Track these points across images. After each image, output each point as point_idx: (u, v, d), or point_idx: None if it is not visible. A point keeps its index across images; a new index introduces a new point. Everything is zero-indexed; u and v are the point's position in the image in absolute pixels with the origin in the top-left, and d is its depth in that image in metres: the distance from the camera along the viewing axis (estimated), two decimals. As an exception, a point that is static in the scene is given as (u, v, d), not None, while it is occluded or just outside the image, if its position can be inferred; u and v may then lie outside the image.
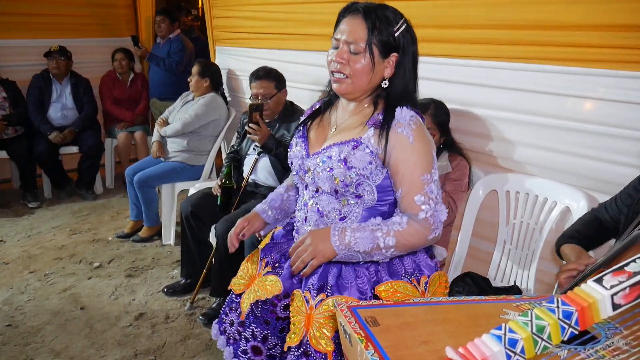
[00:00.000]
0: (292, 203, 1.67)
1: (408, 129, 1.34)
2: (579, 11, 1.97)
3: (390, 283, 1.39)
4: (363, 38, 1.34)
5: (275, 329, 1.47)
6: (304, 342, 1.35)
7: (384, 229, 1.34)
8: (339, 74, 1.39)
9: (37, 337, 2.59)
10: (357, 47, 1.35)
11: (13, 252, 3.52)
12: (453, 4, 2.38)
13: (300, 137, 1.53)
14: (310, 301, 1.38)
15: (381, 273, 1.41)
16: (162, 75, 4.63)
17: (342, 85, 1.40)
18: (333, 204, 1.44)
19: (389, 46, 1.37)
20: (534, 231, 2.24)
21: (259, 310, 1.48)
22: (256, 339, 1.48)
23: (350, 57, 1.36)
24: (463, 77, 2.41)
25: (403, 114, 1.36)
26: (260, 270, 1.56)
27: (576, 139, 2.06)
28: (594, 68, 1.96)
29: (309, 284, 1.41)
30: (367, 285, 1.39)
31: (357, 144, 1.38)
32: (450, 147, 2.38)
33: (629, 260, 0.79)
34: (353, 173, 1.37)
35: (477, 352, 0.73)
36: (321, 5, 3.08)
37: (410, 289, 1.39)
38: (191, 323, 2.74)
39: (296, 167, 1.51)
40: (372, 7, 1.35)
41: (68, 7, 4.84)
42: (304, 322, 1.36)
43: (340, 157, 1.38)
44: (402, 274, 1.41)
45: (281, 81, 2.93)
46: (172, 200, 3.63)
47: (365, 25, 1.34)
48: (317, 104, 1.60)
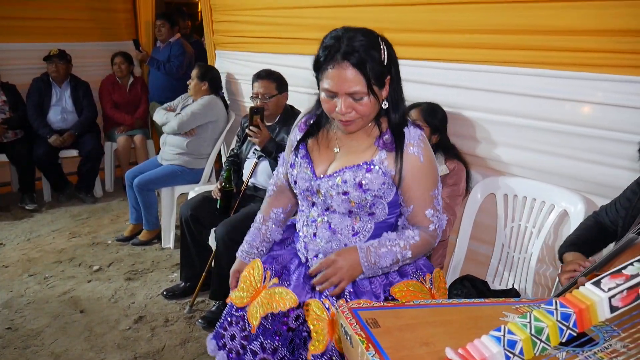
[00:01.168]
0: (273, 232, 1.71)
1: (418, 149, 1.42)
2: (575, 16, 1.98)
3: (403, 283, 1.49)
4: (364, 86, 1.33)
5: (285, 340, 1.47)
6: (328, 348, 1.38)
7: (401, 243, 1.44)
8: (347, 120, 1.39)
9: (36, 340, 2.59)
10: (360, 94, 1.34)
11: (13, 256, 3.52)
12: (449, 9, 2.40)
13: (303, 157, 1.53)
14: (331, 308, 1.43)
15: (392, 275, 1.51)
16: (163, 79, 4.64)
17: (353, 127, 1.42)
18: (346, 222, 1.49)
19: (382, 75, 1.37)
20: (531, 234, 2.26)
21: (269, 323, 1.48)
22: (266, 351, 1.46)
23: (354, 103, 1.36)
24: (461, 81, 2.42)
25: (411, 134, 1.43)
26: (265, 283, 1.56)
27: (574, 143, 2.07)
28: (591, 72, 1.98)
29: (326, 292, 1.45)
30: (380, 289, 1.48)
31: (370, 167, 1.43)
32: (447, 150, 2.38)
33: (627, 264, 0.80)
34: (369, 195, 1.42)
35: (476, 353, 0.74)
36: (320, 10, 3.10)
37: (420, 286, 1.50)
38: (191, 326, 2.74)
39: (302, 188, 1.51)
40: (354, 50, 1.31)
41: (68, 11, 4.85)
42: (327, 328, 1.40)
43: (356, 182, 1.42)
44: (410, 274, 1.52)
45: (283, 84, 2.95)
46: (172, 203, 3.64)
47: (360, 75, 1.32)
48: (311, 119, 1.58)
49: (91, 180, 4.60)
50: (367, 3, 2.71)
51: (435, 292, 1.54)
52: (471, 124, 2.43)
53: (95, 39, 5.06)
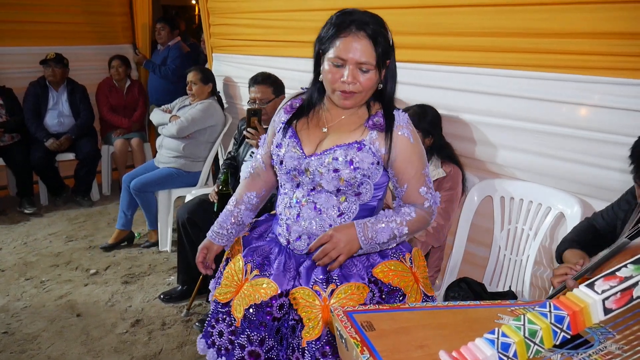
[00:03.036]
0: (245, 215, 1.73)
1: (407, 131, 1.47)
2: (571, 19, 1.99)
3: (384, 263, 1.53)
4: (374, 57, 1.38)
5: (271, 330, 1.49)
6: (324, 333, 1.41)
7: (397, 219, 1.48)
8: (350, 91, 1.42)
9: (33, 344, 2.59)
10: (368, 66, 1.39)
11: (9, 259, 3.52)
12: (446, 12, 2.40)
13: (291, 137, 1.54)
14: (322, 293, 1.45)
15: (373, 257, 1.54)
16: (160, 82, 4.66)
17: (351, 101, 1.45)
18: (332, 201, 1.51)
19: (387, 54, 1.43)
20: (528, 236, 2.26)
21: (253, 315, 1.49)
22: (253, 343, 1.48)
23: (359, 75, 1.40)
24: (458, 84, 2.43)
25: (401, 117, 1.48)
26: (247, 276, 1.57)
27: (570, 145, 2.08)
28: (588, 75, 1.99)
29: (313, 279, 1.48)
30: (364, 271, 1.51)
31: (361, 146, 1.46)
32: (441, 151, 2.38)
33: (620, 265, 0.80)
34: (359, 174, 1.45)
35: (470, 356, 0.74)
36: (318, 13, 3.10)
37: (401, 266, 1.54)
38: (187, 330, 2.73)
39: (289, 167, 1.52)
40: (367, 22, 1.38)
41: (64, 15, 4.85)
42: (320, 314, 1.43)
43: (347, 159, 1.45)
44: (390, 255, 1.56)
45: (279, 87, 2.95)
46: (169, 206, 3.63)
47: (372, 46, 1.37)
48: (297, 102, 1.60)
49: (88, 183, 4.59)
50: (362, 6, 2.71)
51: (415, 270, 1.58)
52: (467, 127, 2.44)
53: (92, 43, 5.05)
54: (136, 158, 4.70)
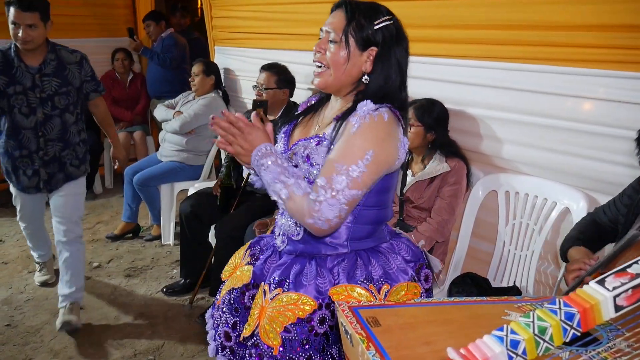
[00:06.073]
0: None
1: (359, 120, 1.28)
2: (576, 12, 1.96)
3: (345, 286, 1.34)
4: (340, 27, 1.35)
5: (243, 317, 1.47)
6: (255, 333, 1.37)
7: (288, 181, 1.27)
8: (318, 65, 1.39)
9: (36, 336, 2.59)
10: (335, 36, 1.35)
11: (12, 252, 3.52)
12: (452, 4, 2.38)
13: (284, 132, 1.53)
14: (267, 294, 1.39)
15: (341, 276, 1.36)
16: (159, 72, 4.63)
17: (321, 78, 1.39)
18: None
19: (367, 39, 1.35)
20: (533, 231, 2.24)
21: (232, 298, 1.50)
22: (227, 324, 1.49)
23: (328, 46, 1.37)
24: (462, 77, 2.41)
25: (364, 106, 1.30)
26: (243, 260, 1.59)
27: (576, 139, 2.06)
28: (593, 68, 1.96)
29: (271, 278, 1.42)
30: (328, 286, 1.35)
31: (321, 140, 1.36)
32: (445, 147, 2.36)
33: (632, 262, 0.78)
34: (315, 170, 1.35)
35: (478, 353, 0.73)
36: (320, 5, 3.07)
37: (365, 295, 1.33)
38: (190, 323, 2.73)
39: None
40: (357, 2, 1.37)
41: (66, 7, 4.81)
42: (257, 314, 1.39)
43: (304, 154, 1.37)
44: (360, 279, 1.35)
45: (285, 80, 2.95)
46: (172, 200, 3.63)
47: (344, 15, 1.35)
48: (313, 99, 1.58)
49: (91, 176, 4.58)
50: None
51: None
52: (472, 120, 2.42)
53: (94, 35, 5.04)
54: (139, 151, 4.70)
